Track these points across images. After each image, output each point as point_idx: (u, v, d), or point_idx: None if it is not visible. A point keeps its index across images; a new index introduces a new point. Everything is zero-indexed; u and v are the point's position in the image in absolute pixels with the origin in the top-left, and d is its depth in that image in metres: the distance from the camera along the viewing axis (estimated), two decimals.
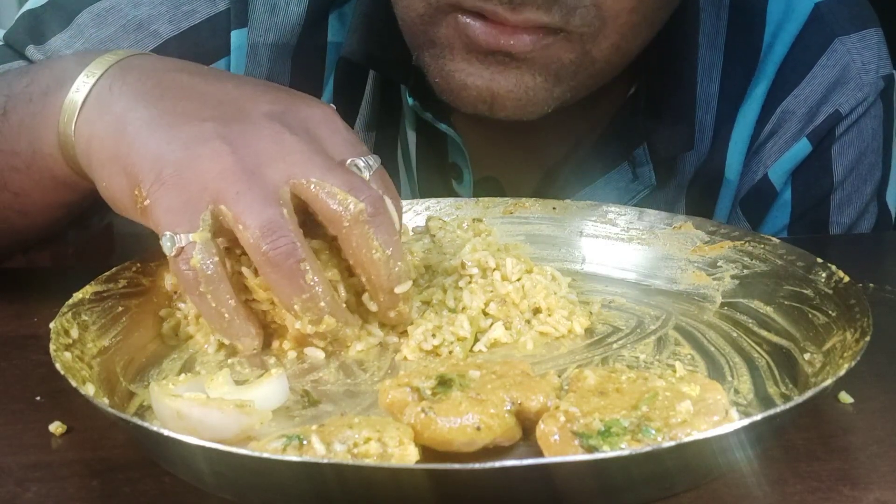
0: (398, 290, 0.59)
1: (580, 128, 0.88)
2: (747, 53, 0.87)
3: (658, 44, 0.81)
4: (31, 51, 0.82)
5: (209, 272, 0.57)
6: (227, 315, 0.58)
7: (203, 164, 0.56)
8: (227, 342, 0.60)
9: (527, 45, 0.70)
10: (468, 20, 0.70)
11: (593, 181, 0.87)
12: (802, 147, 0.88)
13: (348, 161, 0.59)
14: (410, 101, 0.84)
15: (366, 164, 0.59)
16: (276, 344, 0.61)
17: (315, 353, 0.60)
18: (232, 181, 0.56)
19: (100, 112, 0.60)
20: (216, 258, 0.57)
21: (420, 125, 0.88)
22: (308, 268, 0.56)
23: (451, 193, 0.89)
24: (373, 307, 0.61)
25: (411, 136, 0.89)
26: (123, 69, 0.62)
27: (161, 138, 0.58)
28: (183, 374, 0.57)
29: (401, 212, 0.60)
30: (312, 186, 0.57)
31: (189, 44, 0.83)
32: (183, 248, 0.56)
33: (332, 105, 0.63)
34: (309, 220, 0.59)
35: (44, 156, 0.64)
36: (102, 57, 0.63)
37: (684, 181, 0.90)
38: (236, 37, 0.84)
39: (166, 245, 0.57)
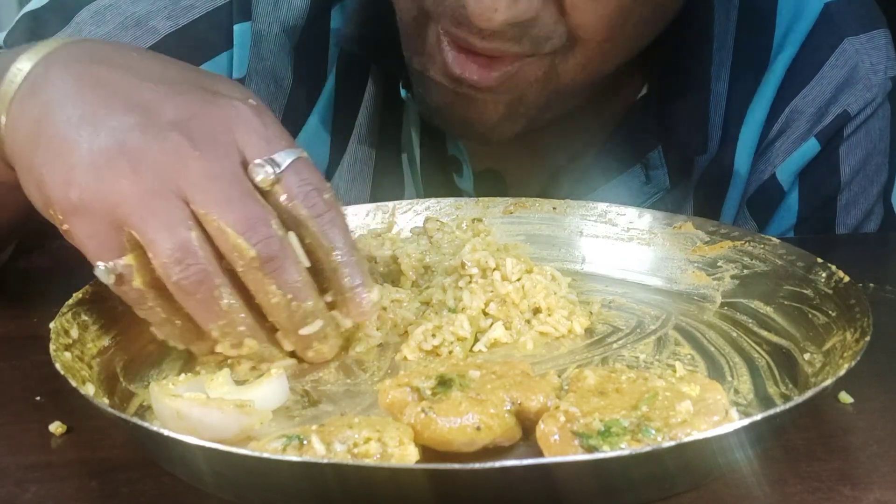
0: (303, 332, 0.57)
1: (589, 127, 0.88)
2: (757, 53, 0.88)
3: (670, 44, 0.81)
4: None
5: (150, 290, 0.55)
6: (178, 321, 0.57)
7: (106, 186, 0.54)
8: (180, 347, 0.59)
9: (492, 82, 0.71)
10: (445, 43, 0.71)
11: (605, 182, 0.87)
12: (811, 147, 0.88)
13: (259, 160, 0.55)
14: (404, 93, 0.84)
15: (280, 159, 0.56)
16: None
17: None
18: (135, 206, 0.53)
19: (21, 115, 0.58)
20: (153, 274, 0.55)
21: (421, 118, 0.88)
22: (223, 293, 0.54)
23: (454, 187, 0.89)
24: (286, 345, 0.59)
25: (414, 130, 0.89)
26: (48, 63, 0.59)
27: (67, 154, 0.55)
28: (183, 374, 0.57)
29: (338, 210, 0.57)
30: (210, 221, 0.54)
31: (188, 39, 0.83)
32: (121, 274, 0.55)
33: (251, 97, 0.59)
34: None
35: None
36: (35, 47, 0.60)
37: (693, 182, 0.90)
38: (240, 31, 0.84)
39: (103, 276, 0.55)
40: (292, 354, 0.59)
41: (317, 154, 0.88)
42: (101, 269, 0.55)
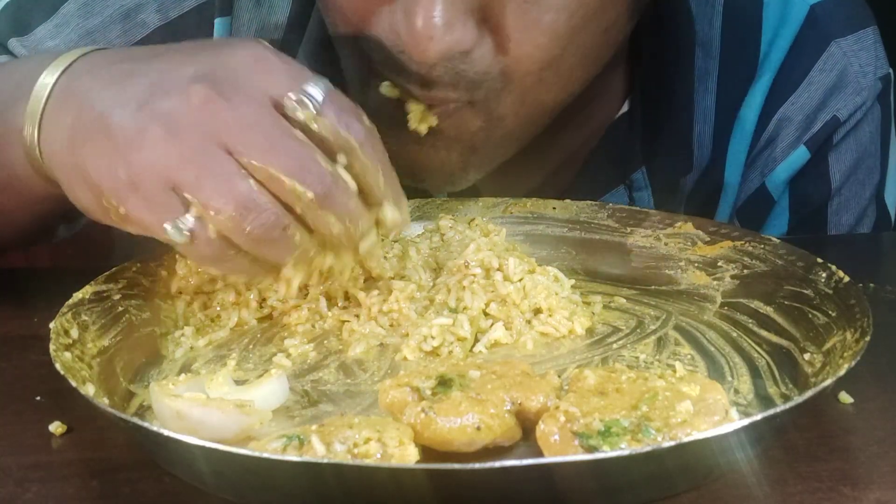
0: (362, 248, 0.59)
1: (568, 144, 0.86)
2: (744, 61, 0.86)
3: (650, 59, 0.79)
4: (13, 44, 0.82)
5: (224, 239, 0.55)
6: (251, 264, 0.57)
7: (149, 154, 0.54)
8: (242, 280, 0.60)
9: (432, 122, 0.70)
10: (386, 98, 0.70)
11: None
12: (800, 155, 0.87)
13: (293, 96, 0.55)
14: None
15: (305, 97, 0.55)
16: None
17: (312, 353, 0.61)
18: (184, 167, 0.54)
19: (54, 124, 0.59)
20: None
21: None
22: (294, 231, 0.55)
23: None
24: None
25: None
26: (71, 74, 0.60)
27: (105, 140, 0.55)
28: (183, 374, 0.57)
29: (373, 129, 0.58)
30: (259, 170, 0.54)
31: (176, 33, 0.82)
32: (192, 230, 0.54)
33: (259, 40, 0.59)
34: None
35: (18, 177, 0.63)
36: (56, 61, 0.61)
37: (682, 197, 0.88)
38: (220, 24, 0.83)
39: (175, 235, 0.55)
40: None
41: None
42: (170, 229, 0.54)
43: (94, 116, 0.56)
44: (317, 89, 0.56)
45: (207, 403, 0.50)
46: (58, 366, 0.51)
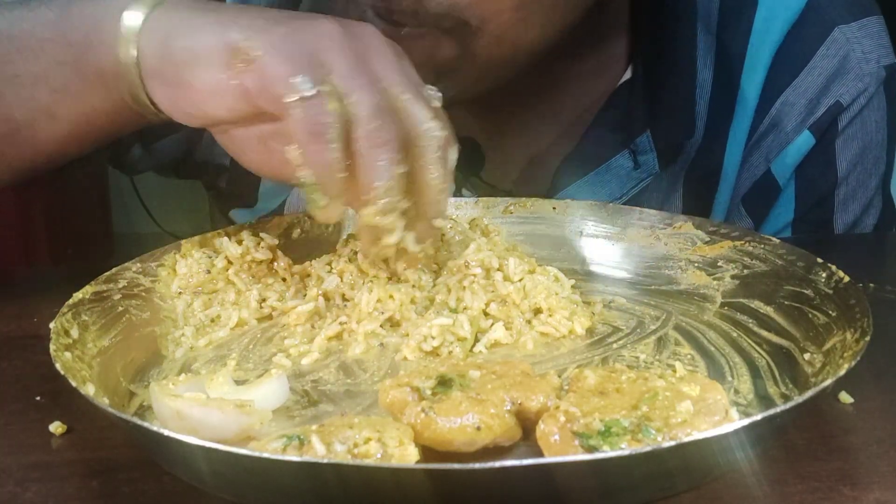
0: (437, 223, 0.61)
1: (573, 106, 0.87)
2: (738, 37, 0.86)
3: (652, 25, 0.80)
4: None
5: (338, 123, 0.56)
6: (338, 171, 0.57)
7: (314, 31, 0.57)
8: (320, 203, 0.59)
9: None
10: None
11: (594, 167, 0.86)
12: (805, 140, 0.87)
13: (425, 89, 0.60)
14: None
15: (437, 96, 0.60)
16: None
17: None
18: (340, 49, 0.56)
19: (155, 31, 0.61)
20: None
21: None
22: (400, 162, 0.57)
23: None
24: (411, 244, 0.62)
25: None
26: (163, 8, 0.62)
27: (260, 17, 0.59)
28: (183, 374, 0.57)
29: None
30: (403, 98, 0.57)
31: None
32: (318, 92, 0.55)
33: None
34: None
35: (97, 45, 0.63)
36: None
37: (683, 168, 0.89)
38: None
39: (304, 85, 0.55)
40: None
41: None
42: (299, 80, 0.55)
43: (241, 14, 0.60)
44: (434, 91, 0.61)
45: (207, 403, 0.50)
46: (58, 366, 0.51)
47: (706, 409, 0.47)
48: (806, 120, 0.87)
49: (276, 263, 0.68)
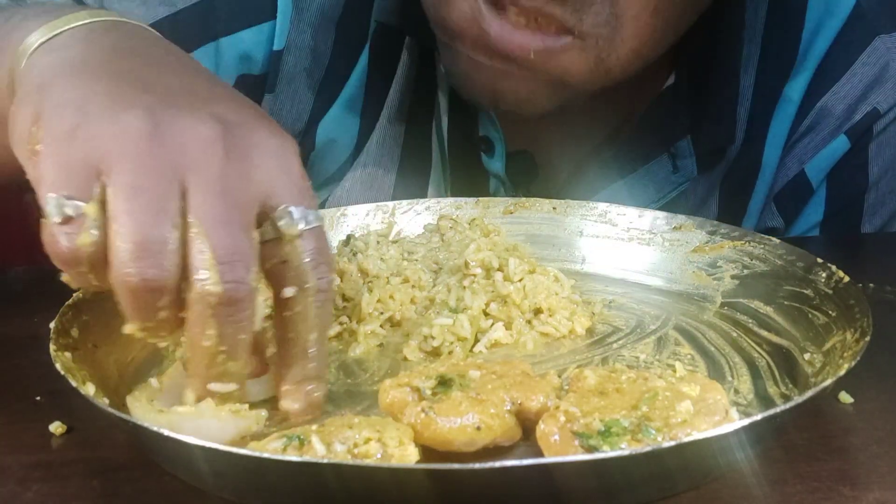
0: (211, 387, 0.50)
1: (619, 112, 0.88)
2: (785, 49, 0.88)
3: (700, 34, 0.80)
4: None
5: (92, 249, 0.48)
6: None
7: (116, 128, 0.48)
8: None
9: (527, 53, 0.71)
10: (485, 10, 0.71)
11: (633, 171, 0.87)
12: (841, 144, 0.88)
13: (289, 207, 0.50)
14: (444, 68, 0.84)
15: (301, 216, 0.50)
16: None
17: None
18: (132, 162, 0.47)
19: (55, 53, 0.54)
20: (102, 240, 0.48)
21: (453, 95, 0.87)
22: (166, 308, 0.48)
23: (481, 169, 0.89)
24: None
25: (444, 106, 0.88)
26: (94, 31, 0.56)
27: (87, 89, 0.50)
28: (153, 380, 0.54)
29: (333, 294, 0.53)
30: (195, 231, 0.47)
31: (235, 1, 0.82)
32: (70, 217, 0.47)
33: (293, 139, 0.53)
34: None
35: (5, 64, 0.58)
36: (64, 17, 0.57)
37: (721, 173, 0.90)
38: (283, 1, 0.83)
39: (52, 207, 0.47)
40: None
41: (345, 131, 0.88)
42: (52, 199, 0.47)
43: (103, 83, 0.51)
44: (314, 216, 0.51)
45: (201, 415, 0.49)
46: (58, 366, 0.51)
47: (706, 409, 0.47)
48: (843, 125, 0.88)
49: None
